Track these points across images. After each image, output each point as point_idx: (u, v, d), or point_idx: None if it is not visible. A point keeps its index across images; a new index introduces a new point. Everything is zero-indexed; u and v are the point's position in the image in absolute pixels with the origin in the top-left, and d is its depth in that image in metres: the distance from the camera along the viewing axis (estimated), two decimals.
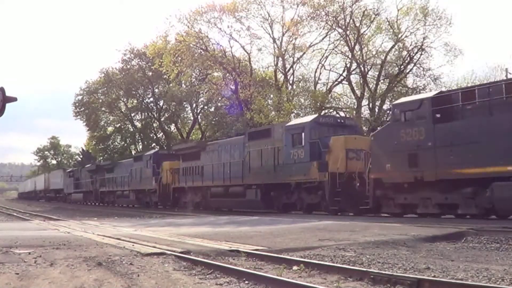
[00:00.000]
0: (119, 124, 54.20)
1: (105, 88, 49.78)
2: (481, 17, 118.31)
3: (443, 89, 30.25)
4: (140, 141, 54.15)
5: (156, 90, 48.45)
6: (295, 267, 5.88)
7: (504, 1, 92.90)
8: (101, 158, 53.27)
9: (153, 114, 50.74)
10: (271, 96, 34.11)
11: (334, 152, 16.61)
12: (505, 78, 29.28)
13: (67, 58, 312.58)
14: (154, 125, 52.08)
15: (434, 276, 5.33)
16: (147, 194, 29.86)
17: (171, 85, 43.37)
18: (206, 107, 47.01)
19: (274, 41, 33.39)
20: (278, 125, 21.21)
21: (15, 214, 25.18)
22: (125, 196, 33.84)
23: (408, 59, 31.50)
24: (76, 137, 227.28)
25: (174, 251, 7.09)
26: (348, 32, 31.66)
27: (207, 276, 5.57)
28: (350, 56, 32.46)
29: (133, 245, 8.01)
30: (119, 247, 7.89)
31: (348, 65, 33.16)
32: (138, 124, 53.32)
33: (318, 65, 34.33)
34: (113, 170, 36.61)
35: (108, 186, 37.51)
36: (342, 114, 32.21)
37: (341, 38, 32.35)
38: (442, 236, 9.18)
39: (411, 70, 32.30)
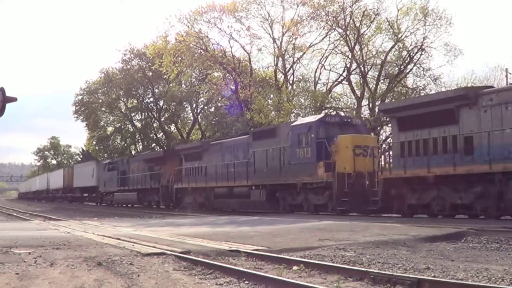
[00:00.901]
0: (119, 124, 54.29)
1: (105, 88, 49.86)
2: (481, 17, 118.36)
3: (443, 89, 30.39)
4: (140, 141, 54.20)
5: (156, 90, 48.51)
6: (295, 267, 5.87)
7: (504, 1, 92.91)
8: (101, 158, 53.16)
9: (153, 114, 50.80)
10: (271, 96, 34.11)
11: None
12: (505, 77, 29.32)
13: (67, 58, 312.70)
14: (154, 125, 52.13)
15: (434, 276, 5.33)
16: (300, 191, 18.16)
17: (171, 85, 43.42)
18: (206, 107, 47.06)
19: (274, 41, 33.43)
20: None
21: (15, 214, 25.18)
22: (238, 196, 21.69)
23: (408, 59, 31.50)
24: (76, 137, 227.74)
25: (174, 251, 7.09)
26: (348, 32, 31.67)
27: (207, 276, 5.58)
28: (350, 56, 32.47)
29: (133, 245, 8.01)
30: (119, 247, 7.89)
31: (348, 65, 33.20)
32: (138, 124, 53.38)
33: (318, 65, 34.42)
34: (201, 155, 24.78)
35: (192, 180, 25.07)
36: (342, 114, 32.19)
37: (341, 38, 32.37)
38: (442, 236, 9.18)
39: (411, 70, 32.33)
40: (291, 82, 35.18)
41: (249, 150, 20.98)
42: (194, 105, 46.91)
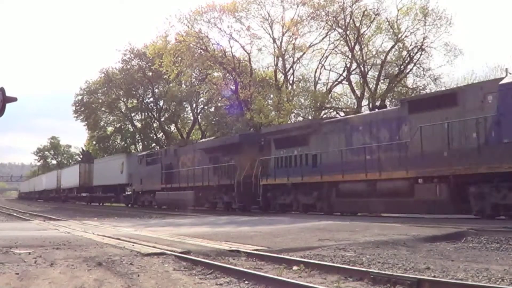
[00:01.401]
0: (119, 124, 54.40)
1: (105, 88, 49.94)
2: (481, 17, 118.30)
3: (443, 89, 30.38)
4: (140, 141, 54.25)
5: (156, 90, 48.57)
6: (295, 267, 5.88)
7: (504, 1, 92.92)
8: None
9: (153, 114, 50.86)
10: (271, 96, 34.12)
11: None
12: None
13: (67, 58, 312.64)
14: (154, 125, 52.21)
15: (434, 276, 5.33)
16: None
17: (171, 85, 43.45)
18: (206, 107, 47.11)
19: (274, 41, 33.41)
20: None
21: (15, 214, 25.18)
22: (387, 193, 14.88)
23: (408, 59, 31.49)
24: (76, 137, 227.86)
25: (174, 251, 7.09)
26: (348, 32, 31.66)
27: (207, 276, 5.58)
28: (350, 56, 32.46)
29: (133, 245, 8.01)
30: (119, 247, 7.89)
31: (348, 65, 33.18)
32: (138, 124, 53.45)
33: (318, 65, 34.41)
34: (306, 139, 18.25)
35: (293, 173, 18.44)
36: (342, 114, 32.16)
37: (341, 38, 32.36)
38: (442, 236, 9.19)
39: (411, 70, 32.32)
40: (291, 82, 35.19)
41: (401, 127, 14.82)
42: (194, 105, 46.97)
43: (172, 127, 51.46)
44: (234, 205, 21.66)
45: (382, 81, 33.23)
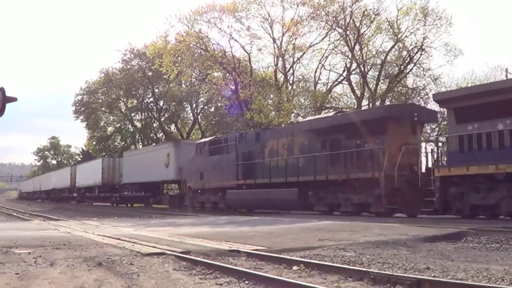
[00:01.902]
0: (119, 124, 54.44)
1: (105, 88, 49.98)
2: (481, 17, 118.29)
3: (443, 89, 30.46)
4: (140, 141, 54.27)
5: (156, 90, 48.60)
6: (295, 267, 5.87)
7: (504, 1, 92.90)
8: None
9: (153, 114, 50.89)
10: (271, 96, 34.13)
11: None
12: (505, 77, 29.34)
13: (67, 58, 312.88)
14: (154, 125, 52.24)
15: (434, 276, 5.33)
16: None
17: (171, 85, 43.47)
18: (206, 107, 47.15)
19: (274, 41, 33.42)
20: None
21: (15, 214, 25.17)
22: None
23: (408, 59, 31.50)
24: (76, 137, 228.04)
25: (174, 251, 7.09)
26: (348, 32, 31.68)
27: (207, 276, 5.57)
28: (350, 56, 32.49)
29: (133, 245, 8.01)
30: (119, 247, 7.89)
31: (348, 65, 33.21)
32: (138, 124, 53.48)
33: (318, 65, 34.45)
34: None
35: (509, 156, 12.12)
36: None
37: (341, 38, 32.38)
38: (442, 236, 9.19)
39: (411, 70, 32.34)
40: (291, 82, 35.21)
41: None
42: (194, 105, 47.03)
43: (172, 127, 51.50)
44: (375, 207, 15.16)
45: (382, 81, 33.26)
